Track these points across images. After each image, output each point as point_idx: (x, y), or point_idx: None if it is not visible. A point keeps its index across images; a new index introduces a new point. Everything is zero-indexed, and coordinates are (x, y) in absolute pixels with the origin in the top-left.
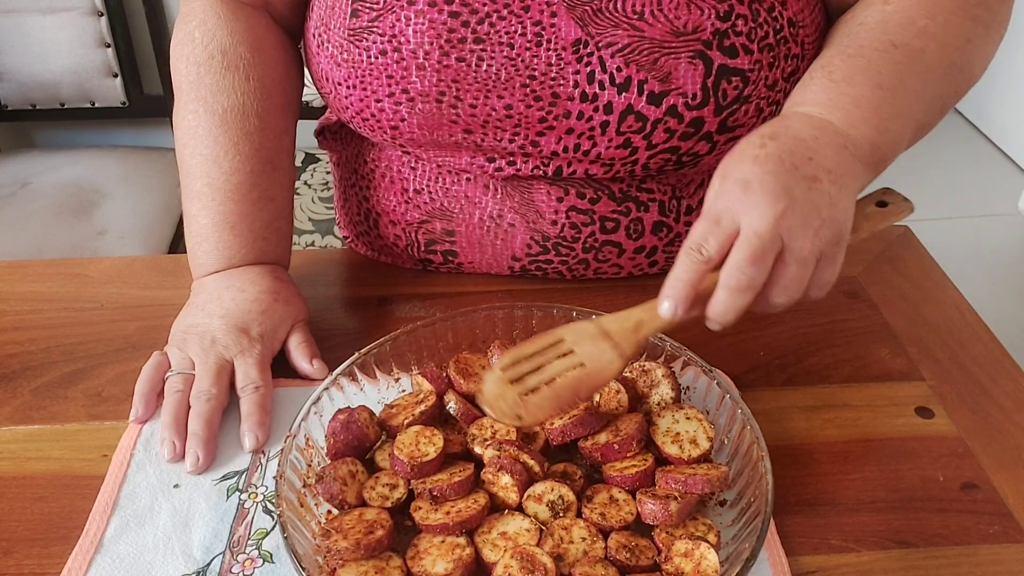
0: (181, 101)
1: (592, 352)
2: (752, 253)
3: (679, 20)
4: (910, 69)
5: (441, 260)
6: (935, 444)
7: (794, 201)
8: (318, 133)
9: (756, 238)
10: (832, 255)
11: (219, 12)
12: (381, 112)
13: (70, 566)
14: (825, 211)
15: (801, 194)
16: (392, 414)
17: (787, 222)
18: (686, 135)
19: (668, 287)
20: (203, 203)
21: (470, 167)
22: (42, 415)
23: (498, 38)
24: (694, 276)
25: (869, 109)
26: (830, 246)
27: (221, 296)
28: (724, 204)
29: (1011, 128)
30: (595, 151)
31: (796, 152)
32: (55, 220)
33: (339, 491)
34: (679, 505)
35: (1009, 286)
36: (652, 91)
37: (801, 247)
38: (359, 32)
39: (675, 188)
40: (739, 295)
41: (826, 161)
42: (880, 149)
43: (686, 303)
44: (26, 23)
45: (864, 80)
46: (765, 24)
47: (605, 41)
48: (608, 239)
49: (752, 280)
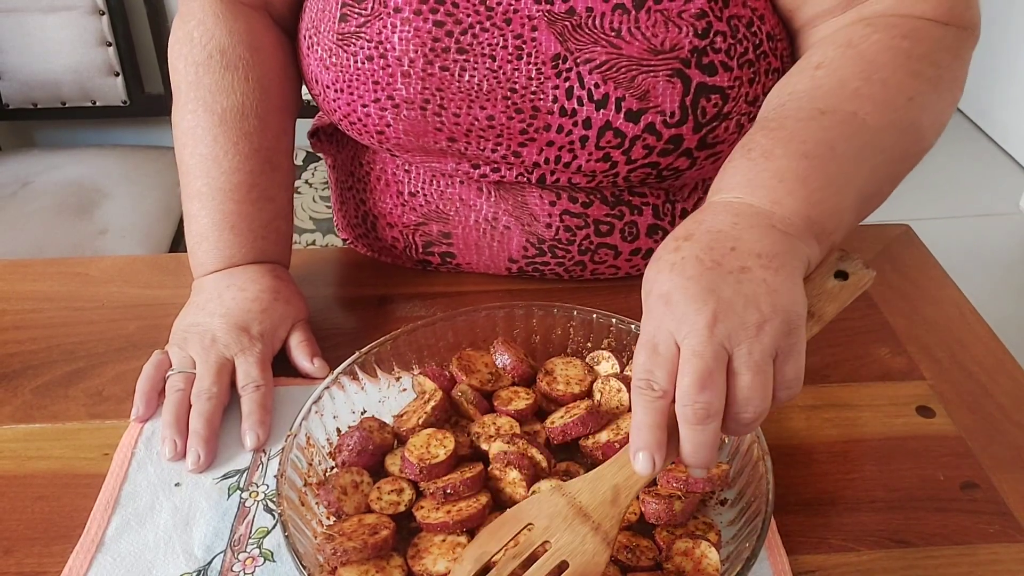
0: (180, 101)
1: (571, 544)
2: (697, 378)
3: (656, 38)
4: (840, 133)
5: (439, 261)
6: (935, 443)
7: (723, 302)
8: (311, 135)
9: (695, 358)
10: (789, 348)
11: (218, 12)
12: (367, 117)
13: (71, 565)
14: (765, 302)
15: (731, 292)
16: (403, 420)
17: (722, 328)
18: (665, 151)
19: (635, 438)
20: (203, 203)
21: (456, 172)
22: (43, 414)
23: (480, 49)
24: (656, 416)
25: (794, 182)
26: (783, 338)
27: (221, 295)
28: (654, 325)
29: (1012, 127)
30: (576, 163)
31: (715, 247)
32: (56, 219)
33: (336, 500)
34: (682, 504)
35: (1010, 285)
36: (630, 108)
37: (749, 351)
38: (347, 37)
39: (668, 192)
40: (701, 428)
41: (753, 246)
42: (817, 223)
43: (661, 450)
44: (27, 22)
45: (785, 152)
46: (744, 40)
47: (584, 57)
48: (603, 242)
49: (709, 406)
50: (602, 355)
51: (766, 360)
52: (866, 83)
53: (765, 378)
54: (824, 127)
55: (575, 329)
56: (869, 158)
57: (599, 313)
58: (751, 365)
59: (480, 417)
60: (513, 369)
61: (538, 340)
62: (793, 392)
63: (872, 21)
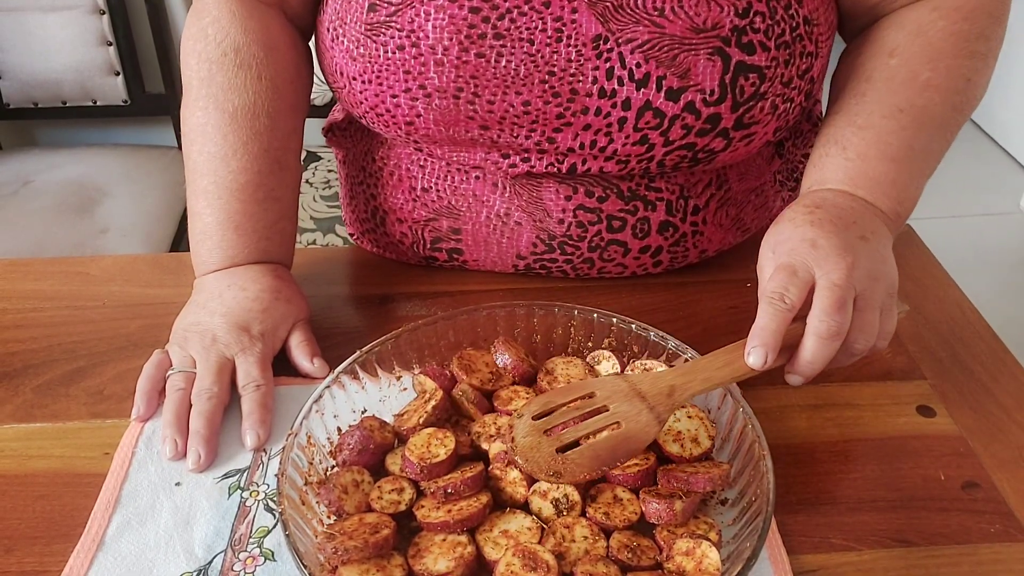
0: (191, 97)
1: (628, 412)
2: (836, 301)
3: (699, 17)
4: (916, 132)
5: (446, 258)
6: (936, 443)
7: (857, 255)
8: (326, 131)
9: (837, 288)
10: (889, 306)
11: (234, 10)
12: (397, 108)
13: (72, 564)
14: (880, 266)
15: (861, 250)
16: (404, 420)
17: (857, 272)
18: (703, 131)
19: (755, 336)
20: (208, 201)
21: (484, 163)
22: (44, 413)
23: (518, 34)
24: (779, 324)
25: (887, 184)
26: (888, 298)
27: (222, 294)
28: (798, 259)
29: (1013, 127)
30: (611, 147)
31: (843, 217)
32: (57, 218)
33: (337, 498)
34: (683, 504)
35: (1011, 284)
36: (671, 87)
37: (872, 294)
38: (376, 27)
39: (683, 188)
40: (827, 342)
41: (868, 224)
42: (901, 216)
43: (775, 350)
44: (28, 21)
45: (877, 155)
46: (782, 21)
47: (625, 37)
48: (614, 238)
49: (840, 326)
50: (603, 355)
51: (876, 309)
52: (934, 73)
53: (876, 320)
54: (903, 126)
55: (576, 329)
56: (937, 145)
57: (600, 313)
58: (872, 306)
59: (481, 417)
60: (514, 369)
61: (539, 340)
62: (884, 343)
63: (938, 5)
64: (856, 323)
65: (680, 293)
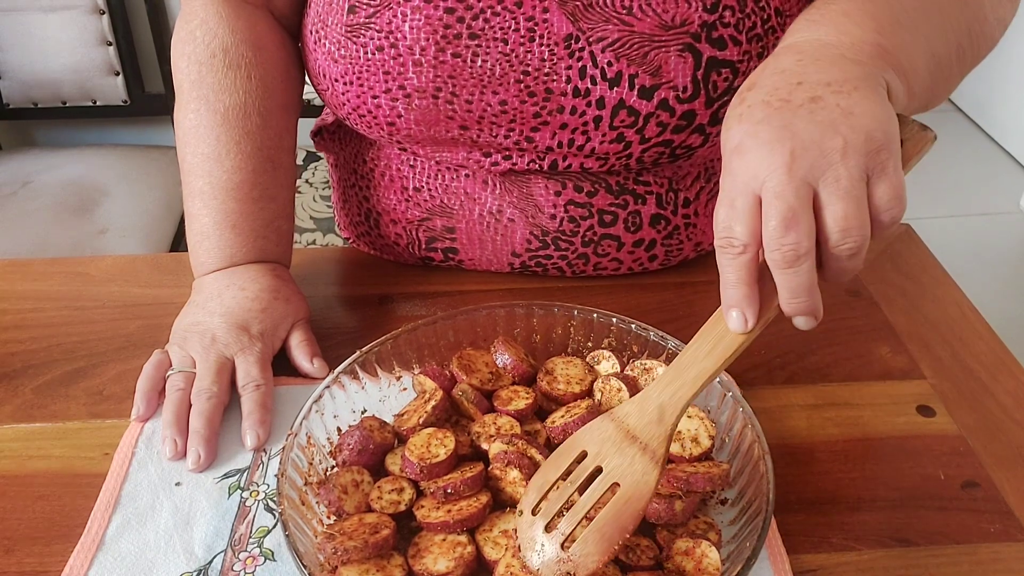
0: (182, 100)
1: (622, 466)
2: (781, 219)
3: (667, 14)
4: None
5: (442, 257)
6: (936, 442)
7: (798, 137)
8: (314, 134)
9: (776, 200)
10: (879, 168)
11: (220, 11)
12: (378, 108)
13: (72, 564)
14: (843, 125)
15: (804, 124)
16: (404, 420)
17: (801, 163)
18: (678, 128)
19: (726, 297)
20: (204, 201)
21: (467, 162)
22: (43, 413)
23: (492, 34)
24: (740, 272)
25: (860, 15)
26: (871, 158)
27: (222, 294)
28: (729, 182)
29: (1012, 126)
30: (589, 146)
31: (780, 87)
32: (56, 218)
33: (337, 498)
34: (683, 504)
35: (1010, 284)
36: (643, 85)
37: (836, 179)
38: (356, 28)
39: (672, 181)
40: (793, 271)
41: (821, 76)
42: (890, 52)
43: (751, 305)
44: (28, 21)
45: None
46: (752, 15)
47: (596, 36)
48: (607, 232)
49: (797, 245)
50: (603, 354)
51: (855, 185)
52: None
53: (858, 204)
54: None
55: (576, 328)
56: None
57: (599, 312)
58: (840, 193)
59: (480, 417)
60: (514, 368)
61: (539, 339)
62: (895, 214)
63: None
64: (826, 228)
65: (680, 293)
